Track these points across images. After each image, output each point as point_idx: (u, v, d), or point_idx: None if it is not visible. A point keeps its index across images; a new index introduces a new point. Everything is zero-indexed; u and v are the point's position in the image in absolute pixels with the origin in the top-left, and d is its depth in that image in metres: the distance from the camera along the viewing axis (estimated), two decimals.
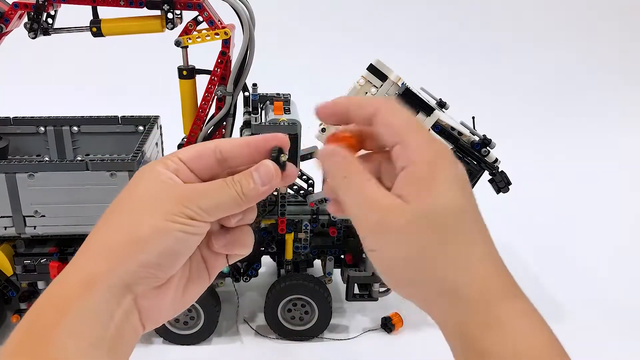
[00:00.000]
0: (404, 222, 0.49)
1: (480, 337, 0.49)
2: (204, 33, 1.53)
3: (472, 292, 0.49)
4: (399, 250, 0.50)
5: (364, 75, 1.63)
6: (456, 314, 0.50)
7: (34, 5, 1.48)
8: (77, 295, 0.48)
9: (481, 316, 0.49)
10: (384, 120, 0.52)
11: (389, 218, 0.49)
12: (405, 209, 0.49)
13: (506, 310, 0.49)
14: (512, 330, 0.48)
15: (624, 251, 2.30)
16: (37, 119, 1.84)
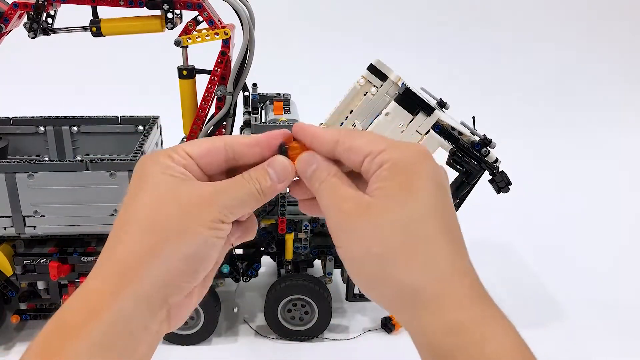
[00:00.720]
0: (371, 219, 0.49)
1: (443, 342, 0.48)
2: (204, 33, 1.53)
3: (433, 295, 0.49)
4: (363, 248, 0.50)
5: (364, 75, 1.63)
6: (419, 319, 0.50)
7: (34, 5, 1.48)
8: (108, 307, 0.48)
9: (443, 321, 0.49)
10: (346, 147, 0.52)
11: (356, 214, 0.50)
12: (373, 206, 0.49)
13: (470, 316, 0.48)
14: (476, 337, 0.48)
15: (624, 251, 2.30)
16: (37, 119, 1.84)
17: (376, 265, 0.50)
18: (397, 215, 0.49)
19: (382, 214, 0.49)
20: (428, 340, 0.50)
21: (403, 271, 0.49)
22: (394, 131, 1.54)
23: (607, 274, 2.14)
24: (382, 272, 0.50)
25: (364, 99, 1.65)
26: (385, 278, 0.50)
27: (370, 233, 0.49)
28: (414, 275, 0.49)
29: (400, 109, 1.52)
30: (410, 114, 1.52)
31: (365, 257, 0.50)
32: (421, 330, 0.51)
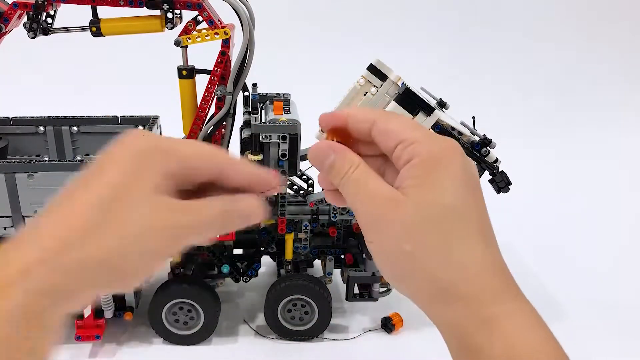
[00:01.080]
0: (402, 216, 0.49)
1: (475, 335, 0.49)
2: (204, 33, 1.53)
3: (467, 290, 0.49)
4: (395, 244, 0.50)
5: (364, 75, 1.63)
6: (451, 313, 0.50)
7: (34, 5, 1.48)
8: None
9: (476, 315, 0.49)
10: (381, 129, 0.52)
11: (388, 211, 0.49)
12: (405, 203, 0.49)
13: (502, 310, 0.49)
14: (507, 330, 0.48)
15: (625, 251, 2.30)
16: (37, 119, 1.84)
17: (408, 261, 0.50)
18: (429, 211, 0.49)
19: (414, 211, 0.49)
20: (460, 333, 0.50)
21: (436, 267, 0.49)
22: None
23: (607, 273, 2.14)
24: (414, 268, 0.50)
25: (364, 99, 1.65)
26: (417, 273, 0.50)
27: (403, 230, 0.49)
28: (447, 272, 0.49)
29: (400, 109, 1.52)
30: (410, 114, 1.52)
31: (397, 253, 0.50)
32: (453, 324, 0.51)
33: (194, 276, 1.73)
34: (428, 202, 0.49)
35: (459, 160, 0.50)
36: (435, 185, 0.49)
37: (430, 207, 0.49)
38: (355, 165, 0.52)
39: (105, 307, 1.65)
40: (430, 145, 0.50)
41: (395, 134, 0.51)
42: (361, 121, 0.53)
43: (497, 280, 0.50)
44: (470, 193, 0.50)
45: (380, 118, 0.52)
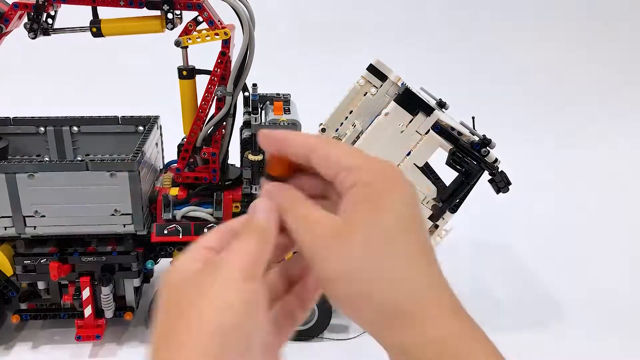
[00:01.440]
0: (342, 241, 0.49)
1: (425, 357, 0.49)
2: (204, 33, 1.53)
3: (412, 309, 0.49)
4: (337, 270, 0.50)
5: (364, 75, 1.63)
6: (398, 334, 0.50)
7: (34, 6, 1.48)
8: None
9: (423, 336, 0.49)
10: (321, 155, 0.52)
11: (327, 237, 0.50)
12: (344, 229, 0.49)
13: (449, 330, 0.49)
14: (456, 350, 0.48)
15: (624, 251, 2.30)
16: (37, 119, 1.84)
17: (352, 286, 0.50)
18: (369, 235, 0.49)
19: (354, 235, 0.49)
20: (407, 357, 0.50)
21: (379, 290, 0.49)
22: (394, 131, 1.54)
23: (607, 274, 2.14)
24: (358, 293, 0.50)
25: (364, 99, 1.66)
26: (361, 298, 0.50)
27: (344, 254, 0.49)
28: (390, 293, 0.49)
29: (400, 109, 1.52)
30: (410, 114, 1.52)
31: (340, 279, 0.50)
32: (400, 347, 0.50)
33: None
34: (367, 226, 0.49)
35: (399, 183, 0.51)
36: (374, 211, 0.49)
37: (370, 230, 0.49)
38: (295, 201, 0.53)
39: (106, 307, 1.65)
40: (371, 171, 0.50)
41: (336, 161, 0.51)
42: (299, 147, 0.53)
43: (442, 301, 0.50)
44: (410, 216, 0.51)
45: (319, 145, 0.52)
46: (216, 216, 1.61)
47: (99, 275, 1.62)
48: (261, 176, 1.62)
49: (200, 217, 1.60)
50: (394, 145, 1.55)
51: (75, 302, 1.67)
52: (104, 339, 1.70)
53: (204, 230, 1.58)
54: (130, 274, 1.65)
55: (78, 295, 1.64)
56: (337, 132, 1.75)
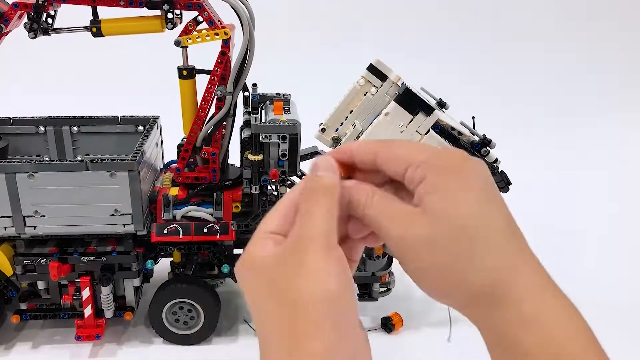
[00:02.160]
0: (424, 233, 0.50)
1: (512, 332, 0.50)
2: (204, 33, 1.53)
3: (501, 293, 0.50)
4: (423, 261, 0.50)
5: (364, 75, 1.63)
6: (487, 314, 0.51)
7: (34, 6, 1.48)
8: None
9: (511, 315, 0.50)
10: (386, 157, 0.53)
11: (410, 228, 0.50)
12: (424, 221, 0.50)
13: (538, 305, 0.50)
14: (543, 323, 0.49)
15: (624, 251, 2.30)
16: (37, 119, 1.84)
17: (444, 274, 0.50)
18: (449, 223, 0.49)
19: (435, 224, 0.49)
20: (497, 331, 0.51)
21: (470, 275, 0.50)
22: (393, 131, 1.54)
23: (607, 274, 2.14)
24: (451, 280, 0.50)
25: (364, 99, 1.66)
26: (454, 284, 0.51)
27: (431, 244, 0.50)
28: (477, 279, 0.50)
29: (400, 109, 1.52)
30: (410, 114, 1.52)
31: (431, 269, 0.51)
32: (490, 323, 0.51)
33: (194, 276, 1.73)
34: (447, 214, 0.49)
35: (471, 167, 0.52)
36: (450, 197, 0.50)
37: (450, 218, 0.49)
38: (369, 194, 0.53)
39: (106, 307, 1.65)
40: (439, 161, 0.51)
41: (402, 159, 0.52)
42: (364, 153, 0.55)
43: (531, 277, 0.51)
44: (488, 195, 0.51)
45: (382, 147, 0.54)
46: (216, 216, 1.61)
47: (99, 275, 1.62)
48: (261, 176, 1.62)
49: (200, 217, 1.60)
50: None
51: (75, 302, 1.67)
52: (104, 339, 1.70)
53: (204, 230, 1.58)
54: (130, 274, 1.65)
55: (78, 295, 1.64)
56: (337, 131, 1.75)
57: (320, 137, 1.76)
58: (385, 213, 0.52)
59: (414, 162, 0.51)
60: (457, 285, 0.50)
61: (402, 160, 0.52)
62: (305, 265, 0.48)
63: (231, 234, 1.58)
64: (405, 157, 0.52)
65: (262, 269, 0.50)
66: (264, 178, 1.61)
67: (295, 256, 0.49)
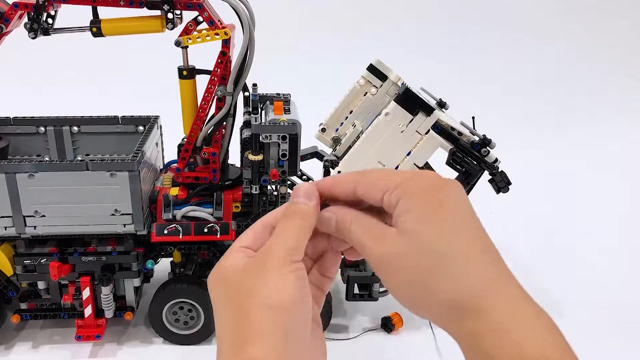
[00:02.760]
0: (398, 251, 0.53)
1: (487, 342, 0.51)
2: (204, 33, 1.53)
3: (477, 304, 0.52)
4: (398, 277, 0.54)
5: (364, 75, 1.64)
6: (464, 327, 0.53)
7: (34, 6, 1.48)
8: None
9: (486, 326, 0.52)
10: (364, 185, 0.57)
11: (385, 248, 0.53)
12: (398, 240, 0.53)
13: (510, 315, 0.52)
14: (517, 335, 0.51)
15: (624, 251, 2.30)
16: (37, 119, 1.84)
17: (417, 290, 0.53)
18: (423, 239, 0.52)
19: (409, 242, 0.53)
20: (474, 343, 0.53)
21: (441, 290, 0.52)
22: (394, 131, 1.54)
23: (607, 274, 2.14)
24: (427, 293, 0.53)
25: (364, 99, 1.66)
26: (430, 297, 0.53)
27: (407, 261, 0.53)
28: (454, 293, 0.52)
29: (400, 109, 1.52)
30: (410, 114, 1.52)
31: (405, 284, 0.54)
32: (467, 335, 0.53)
33: (194, 276, 1.73)
34: (424, 230, 0.52)
35: (443, 188, 0.55)
36: (422, 217, 0.53)
37: (421, 237, 0.52)
38: (353, 216, 0.57)
39: (106, 307, 1.65)
40: (412, 184, 0.55)
41: (379, 186, 0.55)
42: (344, 186, 0.58)
43: (504, 289, 0.53)
44: (462, 213, 0.54)
45: (360, 177, 0.58)
46: (216, 216, 1.61)
47: (99, 275, 1.62)
48: (261, 176, 1.62)
49: (201, 217, 1.60)
50: (394, 145, 1.55)
51: (75, 302, 1.67)
52: (104, 339, 1.70)
53: (204, 230, 1.58)
54: (130, 273, 1.65)
55: (78, 295, 1.64)
56: (337, 131, 1.75)
57: (320, 137, 1.77)
58: (366, 233, 0.55)
59: (389, 188, 0.54)
60: (429, 299, 0.53)
61: (379, 188, 0.55)
62: (266, 277, 0.52)
63: (231, 234, 1.58)
64: (381, 184, 0.55)
65: (230, 279, 0.54)
66: (264, 178, 1.62)
67: (259, 268, 0.53)
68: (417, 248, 0.52)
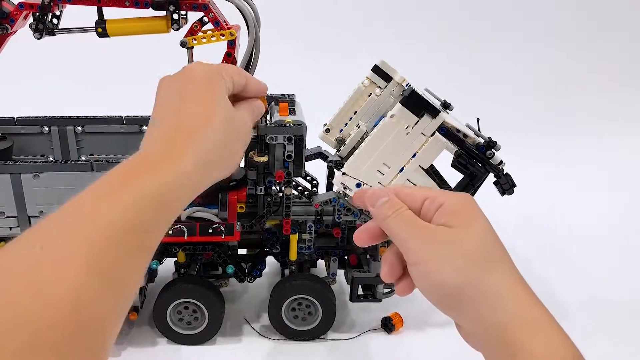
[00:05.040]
0: (447, 243, 0.65)
1: (517, 337, 0.63)
2: (210, 34, 1.53)
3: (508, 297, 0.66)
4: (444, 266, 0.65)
5: (369, 76, 1.63)
6: (493, 316, 0.65)
7: (40, 6, 1.48)
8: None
9: (518, 318, 0.65)
10: (406, 193, 0.73)
11: (433, 239, 0.66)
12: (446, 234, 0.66)
13: (525, 314, 0.66)
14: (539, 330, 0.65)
15: (625, 251, 2.31)
16: (41, 118, 1.84)
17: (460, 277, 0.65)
18: (466, 239, 0.66)
19: (456, 238, 0.66)
20: (499, 334, 0.64)
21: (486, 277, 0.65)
22: (399, 132, 1.54)
23: (607, 274, 2.15)
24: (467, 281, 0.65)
25: (368, 100, 1.66)
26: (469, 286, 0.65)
27: (450, 252, 0.65)
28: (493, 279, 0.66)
29: (406, 111, 1.51)
30: (416, 116, 1.52)
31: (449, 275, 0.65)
32: (495, 326, 0.64)
33: (198, 276, 1.74)
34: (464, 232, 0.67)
35: (476, 206, 0.71)
36: (465, 222, 0.68)
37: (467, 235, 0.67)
38: (405, 206, 0.71)
39: None
40: (452, 196, 0.70)
41: (420, 195, 0.71)
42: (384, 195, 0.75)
43: (525, 290, 0.72)
44: (490, 229, 0.69)
45: (400, 188, 0.75)
46: (221, 217, 1.61)
47: None
48: (266, 177, 1.62)
49: (206, 217, 1.61)
50: (400, 146, 1.55)
51: None
52: None
53: (209, 231, 1.58)
54: None
55: None
56: (341, 132, 1.75)
57: (324, 138, 1.76)
58: (418, 223, 0.69)
59: (430, 196, 0.70)
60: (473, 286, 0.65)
61: (421, 196, 0.71)
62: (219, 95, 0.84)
63: (236, 235, 1.58)
64: (423, 193, 0.71)
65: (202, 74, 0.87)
66: (270, 179, 1.62)
67: (219, 86, 0.84)
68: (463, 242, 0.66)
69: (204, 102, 0.77)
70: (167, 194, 0.67)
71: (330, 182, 1.78)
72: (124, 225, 0.59)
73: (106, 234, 0.56)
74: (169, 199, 0.67)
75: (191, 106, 0.77)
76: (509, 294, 0.65)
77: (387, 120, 1.59)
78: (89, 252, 0.53)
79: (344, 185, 1.52)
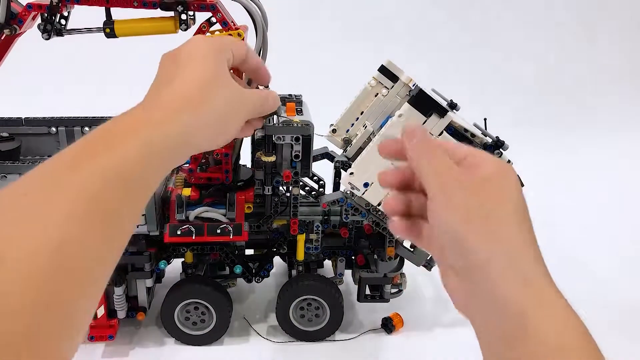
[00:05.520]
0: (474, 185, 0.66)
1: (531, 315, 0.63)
2: (218, 34, 1.53)
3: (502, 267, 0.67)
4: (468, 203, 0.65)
5: (375, 76, 1.63)
6: (504, 289, 0.65)
7: (48, 7, 1.49)
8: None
9: (536, 295, 0.65)
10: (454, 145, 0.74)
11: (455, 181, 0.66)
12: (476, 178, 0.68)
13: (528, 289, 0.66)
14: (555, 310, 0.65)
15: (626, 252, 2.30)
16: (49, 119, 1.84)
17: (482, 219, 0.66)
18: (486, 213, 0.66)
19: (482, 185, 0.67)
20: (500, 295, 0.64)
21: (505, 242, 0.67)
22: None
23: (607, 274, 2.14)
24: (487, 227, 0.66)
25: (375, 100, 1.66)
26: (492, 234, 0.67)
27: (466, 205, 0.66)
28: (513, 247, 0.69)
29: (414, 111, 1.52)
30: (424, 116, 1.52)
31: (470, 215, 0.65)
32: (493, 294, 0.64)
33: (205, 276, 1.74)
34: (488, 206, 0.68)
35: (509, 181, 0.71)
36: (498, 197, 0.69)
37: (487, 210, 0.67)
38: (441, 145, 0.72)
39: (119, 308, 1.66)
40: (491, 164, 0.69)
41: (462, 150, 0.72)
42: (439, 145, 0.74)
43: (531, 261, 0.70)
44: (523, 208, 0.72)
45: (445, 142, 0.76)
46: (229, 217, 1.61)
47: (112, 276, 1.62)
48: (274, 177, 1.62)
49: (213, 217, 1.61)
50: None
51: None
52: (117, 339, 1.70)
53: (217, 231, 1.58)
54: (143, 274, 1.66)
55: None
56: (348, 132, 1.75)
57: (331, 138, 1.76)
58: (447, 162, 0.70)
59: (471, 154, 0.71)
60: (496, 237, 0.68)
61: (464, 151, 0.72)
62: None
63: (244, 235, 1.58)
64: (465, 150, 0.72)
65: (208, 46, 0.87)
66: (277, 179, 1.62)
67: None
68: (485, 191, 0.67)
69: (202, 69, 0.80)
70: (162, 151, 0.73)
71: (338, 182, 1.78)
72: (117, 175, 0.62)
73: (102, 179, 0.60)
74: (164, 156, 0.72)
75: (189, 72, 0.80)
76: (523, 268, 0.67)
77: (394, 119, 1.59)
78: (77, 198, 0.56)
79: (351, 185, 1.52)
